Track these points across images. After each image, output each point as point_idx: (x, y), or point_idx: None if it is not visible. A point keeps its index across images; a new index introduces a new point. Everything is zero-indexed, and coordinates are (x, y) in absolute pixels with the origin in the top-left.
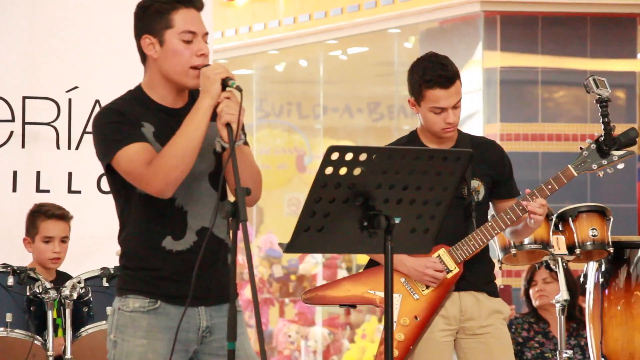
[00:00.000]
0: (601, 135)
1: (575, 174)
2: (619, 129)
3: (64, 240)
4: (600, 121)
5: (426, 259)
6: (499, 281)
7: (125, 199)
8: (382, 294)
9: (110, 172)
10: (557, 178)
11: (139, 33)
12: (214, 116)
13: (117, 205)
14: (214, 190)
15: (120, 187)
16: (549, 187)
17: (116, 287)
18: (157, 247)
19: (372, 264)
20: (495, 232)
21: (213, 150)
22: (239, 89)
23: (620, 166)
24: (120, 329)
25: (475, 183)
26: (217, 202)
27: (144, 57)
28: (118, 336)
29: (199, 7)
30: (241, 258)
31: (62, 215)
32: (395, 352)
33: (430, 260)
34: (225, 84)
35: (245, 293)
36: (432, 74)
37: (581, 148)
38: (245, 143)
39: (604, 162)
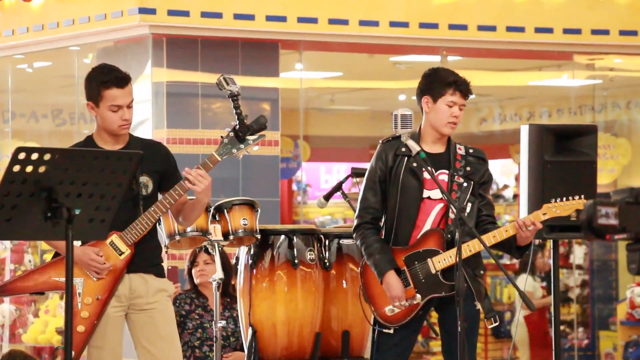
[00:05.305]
0: (237, 124)
1: (219, 159)
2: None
3: None
4: (234, 112)
5: (91, 250)
6: (167, 263)
7: None
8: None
9: None
10: (204, 164)
11: None
12: None
13: None
14: None
15: None
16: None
17: None
18: None
19: (58, 254)
20: (158, 214)
21: None
22: None
23: (256, 148)
24: None
25: (144, 179)
26: None
27: None
28: None
29: None
30: None
31: None
32: (82, 328)
33: (94, 252)
34: None
35: None
36: (109, 75)
37: (222, 137)
38: None
39: (242, 146)
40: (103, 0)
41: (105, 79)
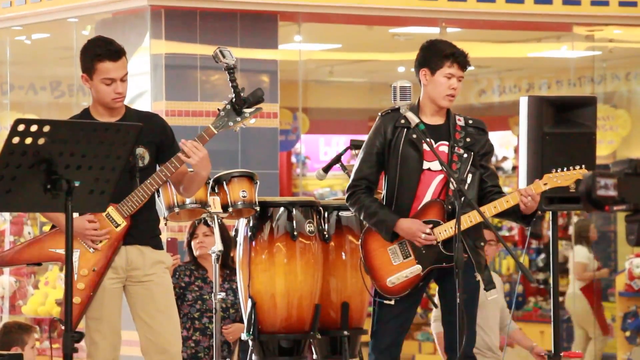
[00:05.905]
0: (233, 97)
1: (216, 132)
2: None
3: None
4: (230, 85)
5: (85, 219)
6: (166, 235)
7: None
8: (62, 251)
9: None
10: (200, 136)
11: None
12: None
13: None
14: None
15: None
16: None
17: None
18: None
19: (55, 226)
20: (155, 186)
21: None
22: None
23: (252, 121)
24: None
25: (141, 150)
26: None
27: None
28: None
29: None
30: None
31: None
32: (78, 300)
33: (88, 220)
34: None
35: None
36: (103, 49)
37: (218, 109)
38: None
39: (238, 119)
40: None
41: (98, 52)
